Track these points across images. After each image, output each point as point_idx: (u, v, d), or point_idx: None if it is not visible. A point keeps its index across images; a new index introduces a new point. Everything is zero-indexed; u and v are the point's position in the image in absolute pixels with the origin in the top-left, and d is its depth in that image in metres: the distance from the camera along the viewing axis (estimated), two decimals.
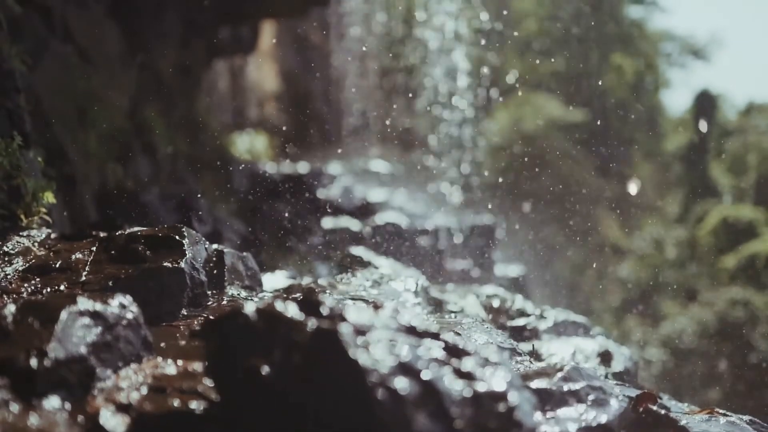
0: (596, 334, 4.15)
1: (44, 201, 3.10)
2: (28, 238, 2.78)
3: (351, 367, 1.37)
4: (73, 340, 1.63)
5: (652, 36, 28.35)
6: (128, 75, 6.57)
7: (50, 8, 5.68)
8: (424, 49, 14.72)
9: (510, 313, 3.79)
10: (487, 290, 4.04)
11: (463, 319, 2.76)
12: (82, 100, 5.28)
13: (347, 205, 8.40)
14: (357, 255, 3.67)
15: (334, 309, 1.54)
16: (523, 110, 21.04)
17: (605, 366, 3.61)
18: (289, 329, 1.48)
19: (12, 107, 3.18)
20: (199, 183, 7.12)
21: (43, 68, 5.08)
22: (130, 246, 2.44)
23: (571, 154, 21.43)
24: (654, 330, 20.77)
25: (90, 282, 2.31)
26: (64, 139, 5.01)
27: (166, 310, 2.28)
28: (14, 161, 2.89)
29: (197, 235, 2.58)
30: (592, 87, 22.95)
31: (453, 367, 1.45)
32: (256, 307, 1.51)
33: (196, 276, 2.37)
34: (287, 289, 2.95)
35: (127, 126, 6.20)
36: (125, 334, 1.77)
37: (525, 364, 2.48)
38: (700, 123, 25.29)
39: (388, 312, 1.60)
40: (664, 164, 27.44)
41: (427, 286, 3.27)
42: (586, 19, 21.99)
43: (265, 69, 16.78)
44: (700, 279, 22.56)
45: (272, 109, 16.87)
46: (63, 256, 2.54)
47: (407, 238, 7.89)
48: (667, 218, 26.07)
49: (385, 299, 2.78)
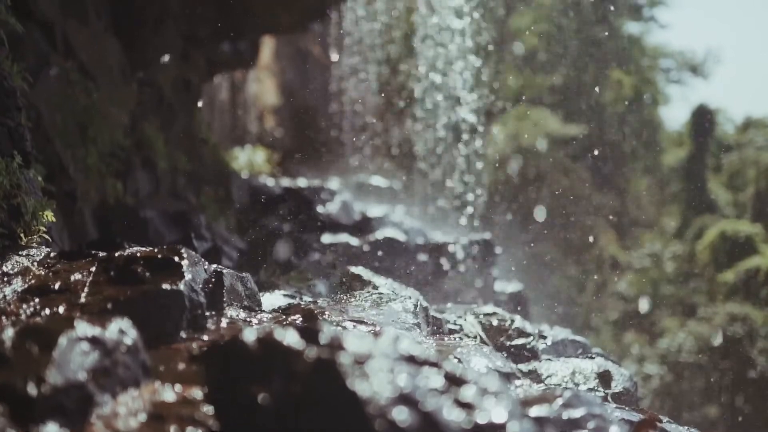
0: (596, 354, 4.15)
1: (44, 219, 3.10)
2: (28, 257, 2.78)
3: (350, 397, 1.37)
4: (72, 367, 1.62)
5: (651, 51, 28.48)
6: (128, 90, 6.59)
7: (52, 24, 5.70)
8: (423, 63, 14.78)
9: (509, 332, 3.78)
10: (485, 309, 4.04)
11: (462, 342, 2.76)
12: (83, 115, 5.29)
13: (346, 221, 8.40)
14: (356, 273, 3.67)
15: (333, 337, 1.54)
16: (522, 125, 21.09)
17: (604, 387, 3.60)
18: (288, 358, 1.48)
19: (13, 126, 3.19)
20: (198, 198, 7.13)
21: (44, 84, 5.09)
22: (129, 267, 2.44)
23: (569, 169, 21.46)
24: (653, 345, 20.75)
25: (89, 304, 2.31)
26: (64, 155, 5.01)
27: (164, 333, 2.28)
28: (14, 181, 2.89)
29: (196, 256, 2.58)
30: (591, 102, 23.02)
31: (453, 396, 1.44)
32: (255, 336, 1.51)
33: (194, 298, 2.37)
34: (286, 310, 2.95)
35: (126, 141, 6.21)
36: (124, 359, 1.77)
37: (524, 387, 2.47)
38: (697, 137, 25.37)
39: (388, 340, 1.59)
40: (662, 179, 27.49)
41: (426, 307, 3.26)
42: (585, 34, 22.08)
43: (265, 83, 16.83)
44: (698, 294, 22.55)
45: (272, 123, 16.91)
46: (62, 277, 2.54)
47: (406, 254, 7.89)
48: (665, 233, 26.08)
49: (385, 321, 2.78)
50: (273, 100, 17.02)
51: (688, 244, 23.85)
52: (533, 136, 20.76)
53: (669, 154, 27.88)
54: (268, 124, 16.81)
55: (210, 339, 2.28)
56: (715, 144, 27.50)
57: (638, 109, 25.53)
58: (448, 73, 13.62)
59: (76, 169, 5.03)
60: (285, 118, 17.01)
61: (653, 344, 20.79)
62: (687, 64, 29.68)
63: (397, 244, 7.91)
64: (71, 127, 5.12)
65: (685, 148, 26.83)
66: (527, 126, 21.09)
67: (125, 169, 6.01)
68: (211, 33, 9.51)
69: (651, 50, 28.52)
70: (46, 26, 5.62)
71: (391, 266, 7.57)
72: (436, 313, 3.61)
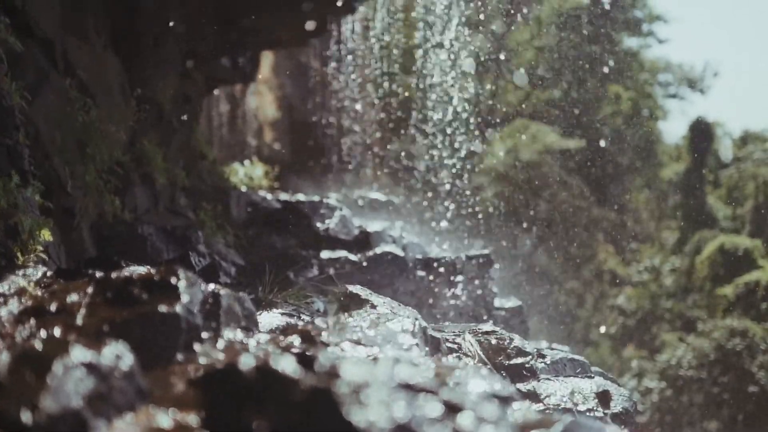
0: (595, 373, 4.14)
1: (41, 239, 3.10)
2: (24, 277, 2.77)
3: (346, 427, 1.36)
4: (67, 393, 1.61)
5: (649, 66, 28.58)
6: (128, 107, 6.61)
7: (52, 41, 5.72)
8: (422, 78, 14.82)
9: (508, 351, 3.77)
10: (484, 327, 4.03)
11: (460, 363, 2.75)
12: (82, 132, 5.30)
13: (345, 236, 8.39)
14: (354, 292, 3.66)
15: (330, 365, 1.53)
16: (520, 139, 21.13)
17: (604, 407, 3.59)
18: (284, 386, 1.48)
19: (11, 144, 3.19)
20: (197, 214, 7.13)
21: (44, 101, 5.10)
22: (126, 289, 2.43)
23: (568, 183, 21.49)
24: (652, 359, 20.70)
25: (85, 326, 2.30)
26: (62, 172, 5.01)
27: (161, 355, 2.27)
28: (12, 200, 2.89)
29: (193, 276, 2.57)
30: (590, 116, 23.08)
31: (450, 425, 1.43)
32: (251, 364, 1.50)
33: (191, 320, 2.36)
34: (284, 330, 2.94)
35: (125, 158, 6.21)
36: (119, 384, 1.76)
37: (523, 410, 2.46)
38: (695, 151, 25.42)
39: (385, 366, 1.59)
40: (661, 193, 27.52)
41: (425, 327, 3.26)
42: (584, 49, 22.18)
43: (264, 97, 16.87)
44: (698, 308, 22.53)
45: (271, 137, 16.94)
46: (59, 298, 2.53)
47: (405, 270, 7.88)
48: (664, 247, 26.09)
49: (383, 342, 2.77)
50: (272, 114, 17.06)
51: (687, 258, 23.84)
52: (532, 150, 20.80)
53: (667, 168, 27.94)
54: (267, 138, 16.83)
55: (207, 362, 2.27)
56: (713, 158, 27.57)
57: (637, 123, 25.60)
58: (448, 87, 13.66)
59: (74, 185, 5.03)
60: (284, 132, 17.04)
61: (653, 358, 20.75)
62: (685, 79, 29.80)
63: (395, 260, 7.90)
64: (70, 144, 5.13)
65: (684, 162, 26.89)
66: (526, 140, 21.13)
67: (124, 186, 6.01)
68: (211, 49, 9.54)
69: (649, 65, 28.62)
70: (46, 43, 5.63)
71: (390, 282, 7.56)
72: (434, 332, 3.60)
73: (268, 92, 16.96)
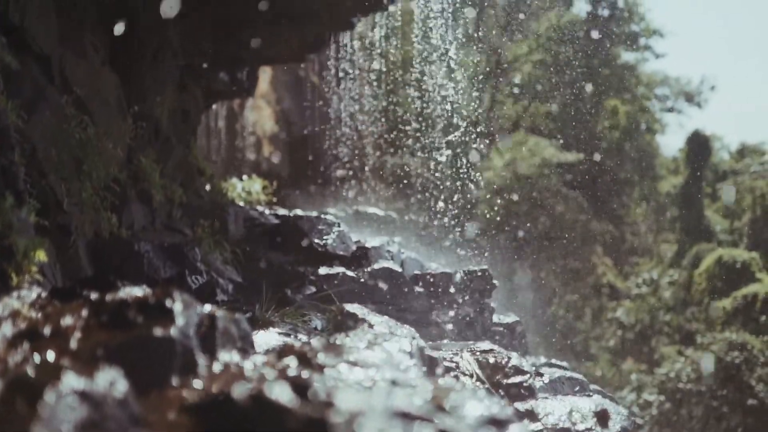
0: (593, 391, 4.11)
1: (36, 259, 3.08)
2: (19, 299, 2.75)
3: None
4: (58, 422, 1.59)
5: (646, 79, 28.68)
6: (125, 123, 6.60)
7: (49, 57, 5.72)
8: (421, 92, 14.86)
9: (506, 370, 3.75)
10: (482, 346, 4.01)
11: (457, 384, 2.72)
12: (78, 149, 5.29)
13: (343, 251, 8.36)
14: (351, 312, 3.64)
15: (325, 392, 1.51)
16: (518, 152, 21.17)
17: (602, 426, 3.56)
18: (279, 415, 1.46)
19: (6, 165, 3.18)
20: (194, 230, 7.10)
21: (40, 118, 5.09)
22: (121, 311, 2.41)
23: (566, 196, 21.51)
24: (651, 372, 20.65)
25: (80, 350, 2.28)
26: (58, 189, 5.00)
27: (155, 379, 2.25)
28: (6, 221, 2.88)
29: (189, 298, 2.56)
30: (588, 129, 23.15)
31: None
32: (246, 393, 1.48)
33: (186, 343, 2.34)
34: (280, 352, 2.91)
35: (122, 174, 6.20)
36: (113, 412, 1.74)
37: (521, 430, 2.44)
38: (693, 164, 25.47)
39: (380, 394, 1.57)
40: (659, 206, 27.55)
41: (423, 347, 3.24)
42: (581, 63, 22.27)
43: (263, 111, 16.89)
44: (696, 321, 22.50)
45: (269, 152, 16.95)
46: (53, 320, 2.51)
47: (403, 285, 7.85)
48: (662, 260, 26.09)
49: (380, 363, 2.75)
50: (270, 129, 17.07)
51: (686, 271, 23.83)
52: (530, 164, 20.84)
53: (665, 181, 27.99)
54: (265, 153, 16.84)
55: (202, 387, 2.25)
56: (711, 170, 27.62)
57: (634, 136, 25.67)
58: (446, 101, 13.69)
59: (70, 203, 5.02)
60: (282, 147, 17.06)
61: (652, 372, 20.70)
62: (682, 92, 29.90)
63: (393, 275, 7.87)
64: (66, 161, 5.12)
65: (681, 175, 26.94)
66: (524, 153, 21.17)
67: (120, 202, 5.99)
68: (209, 64, 9.56)
69: (647, 78, 28.73)
70: (43, 59, 5.63)
71: (388, 298, 7.53)
72: (432, 351, 3.58)
73: (267, 106, 16.99)
